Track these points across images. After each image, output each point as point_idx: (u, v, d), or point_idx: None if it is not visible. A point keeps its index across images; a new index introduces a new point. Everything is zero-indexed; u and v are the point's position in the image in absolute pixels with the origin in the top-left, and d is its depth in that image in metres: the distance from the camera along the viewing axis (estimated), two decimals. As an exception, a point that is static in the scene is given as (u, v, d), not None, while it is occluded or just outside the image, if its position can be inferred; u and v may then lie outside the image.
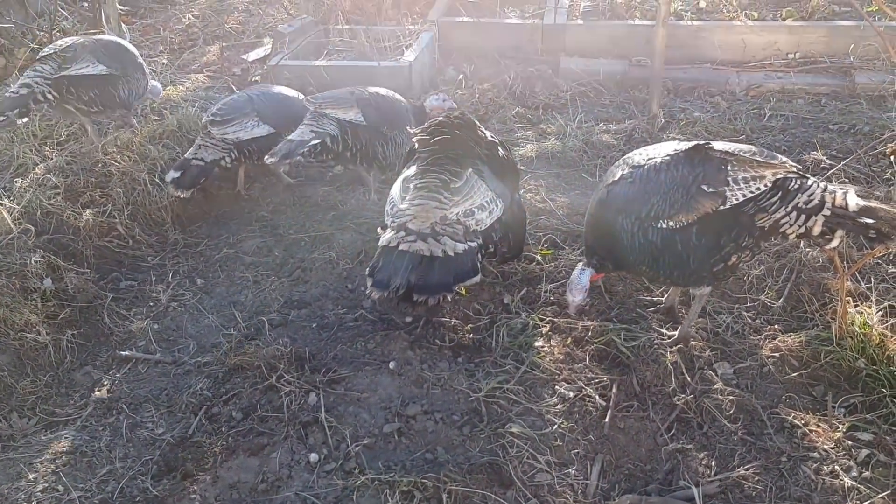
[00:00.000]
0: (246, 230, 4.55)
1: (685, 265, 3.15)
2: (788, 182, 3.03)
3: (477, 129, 3.69)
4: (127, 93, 4.83)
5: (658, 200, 3.07)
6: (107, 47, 4.79)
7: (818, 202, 3.02)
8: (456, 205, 3.41)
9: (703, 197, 3.02)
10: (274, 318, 3.78)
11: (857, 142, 5.19)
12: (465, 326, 3.68)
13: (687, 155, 3.10)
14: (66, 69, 4.53)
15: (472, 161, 3.58)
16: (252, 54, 6.27)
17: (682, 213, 3.05)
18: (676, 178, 3.06)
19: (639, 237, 3.14)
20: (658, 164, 3.12)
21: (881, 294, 3.71)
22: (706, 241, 3.08)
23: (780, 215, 3.04)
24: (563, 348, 3.52)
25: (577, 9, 6.90)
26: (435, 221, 3.34)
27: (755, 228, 3.08)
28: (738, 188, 3.01)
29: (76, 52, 4.63)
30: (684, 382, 3.31)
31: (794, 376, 3.35)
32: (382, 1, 7.04)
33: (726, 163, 3.05)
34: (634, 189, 3.14)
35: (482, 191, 3.52)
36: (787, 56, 6.31)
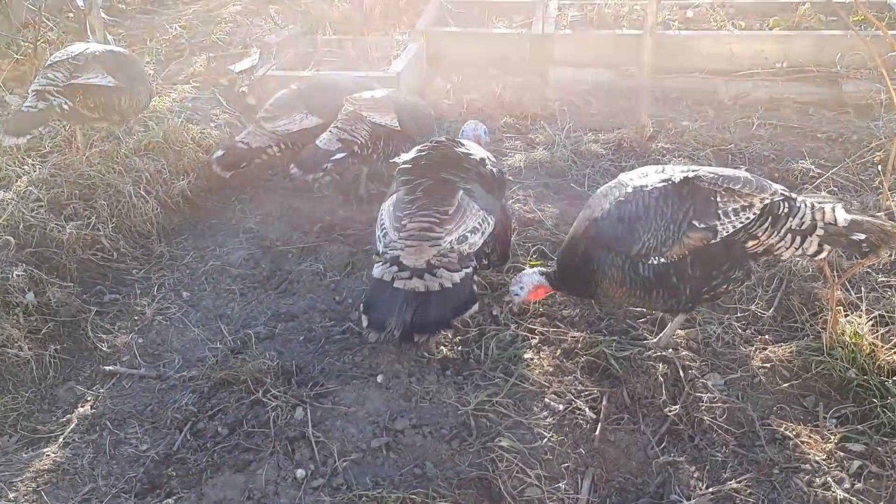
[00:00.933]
0: (233, 242, 4.50)
1: (679, 296, 3.15)
2: (777, 207, 3.05)
3: (460, 149, 3.68)
4: (127, 105, 4.80)
5: (649, 238, 3.05)
6: (116, 59, 4.79)
7: (810, 223, 3.05)
8: (449, 233, 3.35)
9: (695, 232, 3.03)
10: (261, 332, 3.74)
11: (845, 150, 5.19)
12: (453, 339, 3.65)
13: (675, 189, 3.07)
14: (77, 77, 4.50)
15: (461, 182, 3.54)
16: (239, 65, 6.23)
17: (674, 248, 3.04)
18: (667, 215, 3.04)
19: (629, 273, 3.12)
20: (647, 200, 3.08)
21: (871, 303, 3.69)
22: (700, 273, 3.09)
23: (774, 241, 3.06)
24: (552, 360, 3.49)
25: (564, 18, 6.89)
26: (429, 258, 3.28)
27: (747, 256, 3.10)
28: (729, 220, 3.02)
29: (87, 61, 4.61)
30: (675, 394, 3.29)
31: (785, 387, 3.33)
32: (370, 11, 7.02)
33: (715, 194, 3.04)
34: (624, 227, 3.09)
35: (474, 212, 3.46)
36: (774, 65, 6.30)
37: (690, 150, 5.24)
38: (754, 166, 5.06)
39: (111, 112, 4.66)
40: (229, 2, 7.80)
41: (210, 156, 4.90)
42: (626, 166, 5.02)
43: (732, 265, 3.10)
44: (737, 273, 3.12)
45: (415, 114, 4.70)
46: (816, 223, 3.06)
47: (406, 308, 3.18)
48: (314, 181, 4.59)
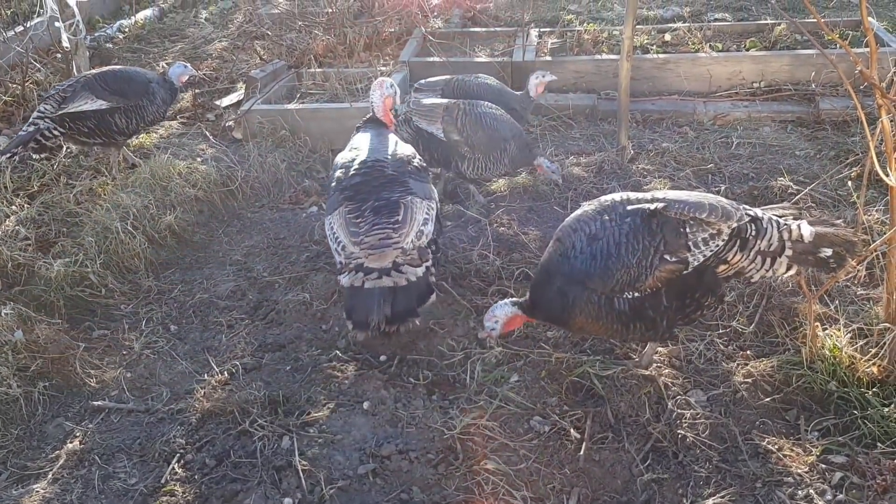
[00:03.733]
0: (220, 274, 4.54)
1: (657, 327, 3.19)
2: (744, 230, 3.09)
3: (389, 170, 3.89)
4: (125, 122, 4.97)
5: (622, 275, 3.08)
6: (106, 80, 4.95)
7: (778, 244, 3.10)
8: (406, 235, 3.59)
9: (667, 265, 3.06)
10: (248, 362, 3.77)
11: (822, 167, 5.28)
12: (439, 363, 3.68)
13: (645, 223, 3.09)
14: (65, 107, 4.72)
15: (399, 195, 3.74)
16: (225, 100, 6.31)
17: (647, 282, 3.08)
18: (638, 251, 3.06)
19: (605, 308, 3.15)
20: (618, 237, 3.09)
21: (850, 316, 3.74)
22: (675, 303, 3.13)
23: (745, 263, 3.11)
24: (537, 382, 3.52)
25: (544, 46, 7.01)
26: (394, 259, 3.51)
27: (718, 281, 3.14)
28: (699, 251, 3.06)
29: (75, 91, 4.80)
30: (658, 412, 3.32)
31: (767, 401, 3.37)
32: (355, 43, 7.13)
33: (684, 224, 3.07)
34: (597, 265, 3.11)
35: (419, 207, 3.72)
36: (752, 85, 6.43)
37: (671, 170, 5.32)
38: (734, 185, 5.13)
39: (110, 133, 4.77)
40: (215, 38, 7.91)
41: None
42: (607, 188, 5.09)
43: (705, 292, 3.14)
44: (709, 300, 3.18)
45: (468, 128, 4.78)
46: (785, 243, 3.11)
47: (383, 303, 3.43)
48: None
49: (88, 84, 4.98)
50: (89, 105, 4.90)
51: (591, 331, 3.33)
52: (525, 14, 8.36)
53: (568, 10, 8.50)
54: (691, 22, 7.59)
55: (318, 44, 7.03)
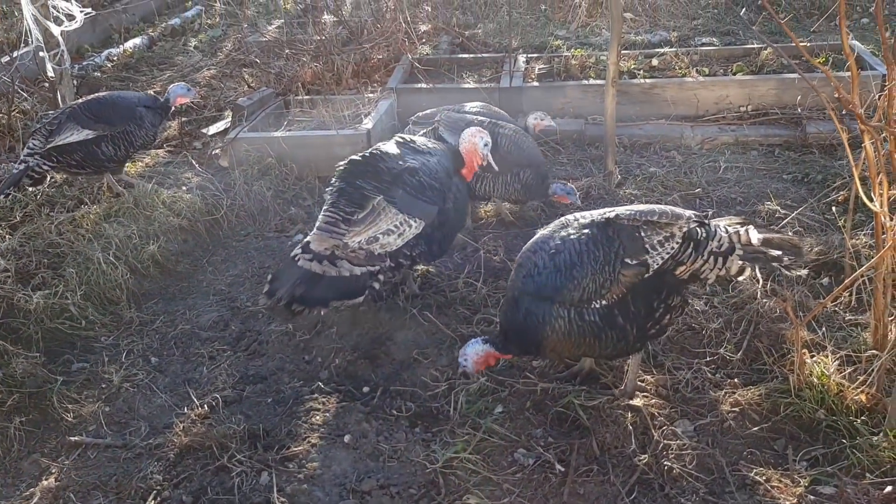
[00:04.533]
0: (203, 305, 4.49)
1: (627, 335, 3.20)
2: (695, 233, 3.22)
3: (382, 163, 3.93)
4: (113, 149, 4.96)
5: (588, 283, 3.13)
6: (91, 108, 4.95)
7: (728, 244, 3.23)
8: (357, 234, 3.72)
9: (629, 269, 3.14)
10: (229, 395, 3.71)
11: (810, 190, 5.26)
12: (423, 394, 3.63)
13: (601, 231, 3.19)
14: (52, 141, 4.77)
15: (376, 191, 3.82)
16: (212, 128, 6.29)
17: (612, 289, 3.14)
18: (600, 258, 3.15)
19: (576, 321, 3.17)
20: (578, 247, 3.18)
21: (838, 342, 3.70)
22: (642, 308, 3.19)
23: (699, 264, 3.22)
24: (522, 413, 3.47)
25: (532, 72, 7.01)
26: (335, 246, 3.70)
27: (679, 283, 3.24)
28: (657, 253, 3.15)
29: (60, 122, 4.83)
30: (645, 442, 3.27)
31: (755, 430, 3.32)
32: (343, 70, 7.13)
33: (639, 229, 3.17)
34: (562, 277, 3.16)
35: (390, 216, 3.78)
36: (739, 109, 6.42)
37: (658, 195, 5.29)
38: (721, 209, 5.11)
39: (97, 162, 4.82)
40: (204, 66, 7.90)
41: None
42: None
43: (669, 292, 3.23)
44: (675, 300, 3.26)
45: (501, 148, 4.72)
46: (734, 245, 3.24)
47: (298, 284, 3.63)
48: None
49: (73, 114, 4.96)
50: (75, 136, 4.88)
51: (565, 351, 3.31)
52: (513, 40, 8.40)
53: (556, 35, 8.51)
54: (678, 47, 7.61)
55: (306, 71, 7.03)
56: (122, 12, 9.39)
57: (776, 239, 3.29)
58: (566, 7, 9.32)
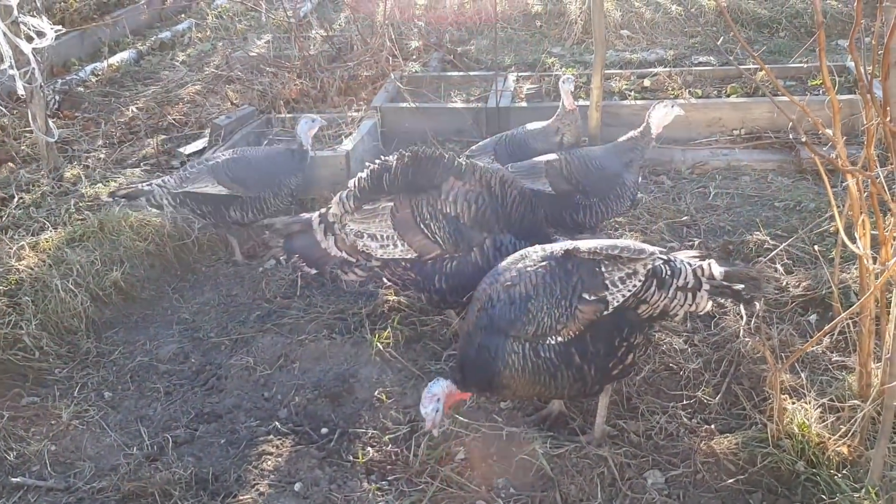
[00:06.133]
0: (165, 335, 4.33)
1: (585, 376, 3.05)
2: (660, 271, 3.08)
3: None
4: (241, 213, 4.78)
5: (543, 317, 2.99)
6: (232, 168, 4.76)
7: (694, 280, 3.12)
8: (354, 221, 3.80)
9: (586, 305, 2.99)
10: (180, 435, 3.54)
11: (802, 219, 5.05)
12: (383, 437, 3.45)
13: (559, 264, 3.06)
14: (185, 187, 4.71)
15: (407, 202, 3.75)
16: (190, 147, 6.14)
17: (569, 325, 2.99)
18: (556, 292, 3.01)
19: (530, 357, 3.02)
20: (534, 280, 3.05)
21: (822, 387, 3.52)
22: (602, 348, 3.04)
23: (666, 302, 3.08)
24: (485, 460, 3.28)
25: (521, 91, 6.86)
26: (339, 217, 3.86)
27: (643, 321, 3.09)
28: (618, 289, 3.01)
29: (200, 173, 4.74)
30: (612, 495, 3.08)
31: (730, 482, 3.13)
32: (328, 88, 6.99)
33: (599, 264, 3.04)
34: (516, 309, 3.03)
35: (383, 225, 3.74)
36: (732, 132, 6.25)
37: (644, 223, 5.12)
38: (709, 238, 4.93)
39: (223, 221, 4.87)
40: (188, 82, 7.77)
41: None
42: (578, 239, 4.87)
43: (631, 331, 3.08)
44: (638, 338, 3.11)
45: (578, 174, 4.54)
46: (700, 280, 3.12)
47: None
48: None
49: (214, 168, 4.77)
50: (209, 189, 4.72)
51: (520, 389, 3.13)
52: (506, 57, 8.25)
53: (550, 52, 8.36)
54: (674, 66, 7.45)
55: (290, 88, 6.88)
56: (113, 25, 9.27)
57: (736, 272, 3.18)
58: (562, 24, 9.18)
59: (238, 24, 9.39)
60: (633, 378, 3.67)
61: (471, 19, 9.39)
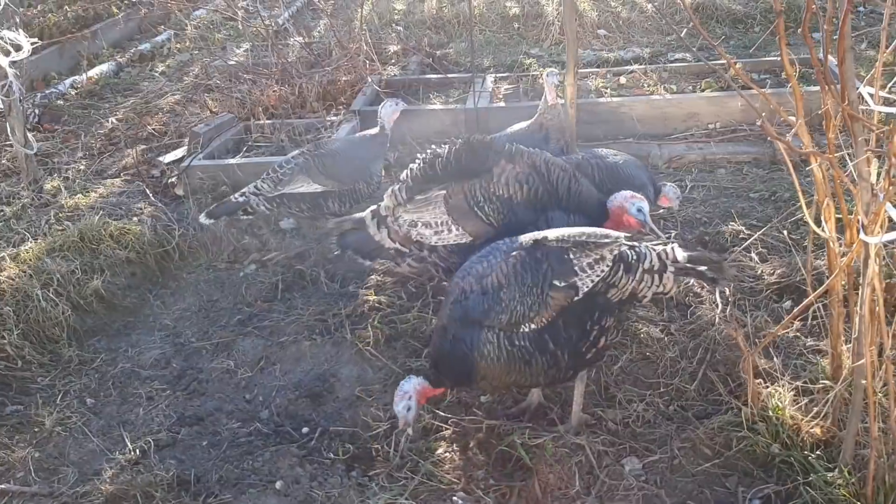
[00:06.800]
0: (147, 341, 4.34)
1: (559, 361, 3.09)
2: (626, 256, 3.16)
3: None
4: (338, 205, 4.90)
5: (516, 305, 3.04)
6: (325, 164, 4.83)
7: (659, 263, 3.21)
8: (408, 212, 3.83)
9: (557, 292, 3.05)
10: (162, 438, 3.56)
11: (777, 209, 5.11)
12: (364, 434, 3.48)
13: (529, 253, 3.11)
14: (281, 189, 4.80)
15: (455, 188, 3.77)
16: (169, 156, 6.16)
17: (542, 312, 3.04)
18: (527, 280, 3.06)
19: (505, 346, 3.06)
20: (505, 269, 3.10)
21: (796, 370, 3.57)
22: (574, 333, 3.09)
23: (634, 285, 3.16)
24: (464, 453, 3.32)
25: (499, 92, 6.91)
26: (392, 209, 3.90)
27: (613, 305, 3.16)
28: (587, 275, 3.07)
29: (293, 173, 4.81)
30: (589, 483, 3.12)
31: (707, 467, 3.17)
32: (307, 94, 7.01)
33: (567, 251, 3.10)
34: (489, 299, 3.07)
35: (437, 212, 3.75)
36: (707, 126, 6.31)
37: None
38: (686, 230, 4.98)
39: (320, 213, 4.92)
40: (167, 92, 7.79)
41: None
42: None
43: (602, 314, 3.13)
44: (609, 321, 3.16)
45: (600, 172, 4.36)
46: (665, 262, 3.22)
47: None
48: None
49: (306, 166, 4.85)
50: (305, 188, 4.81)
51: (496, 378, 3.17)
52: (484, 59, 8.30)
53: (528, 53, 8.42)
54: (650, 63, 7.51)
55: (269, 95, 6.91)
56: (92, 38, 9.28)
57: (698, 255, 3.30)
58: (539, 25, 9.23)
59: (217, 34, 9.40)
60: (611, 367, 3.72)
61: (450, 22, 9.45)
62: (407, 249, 3.91)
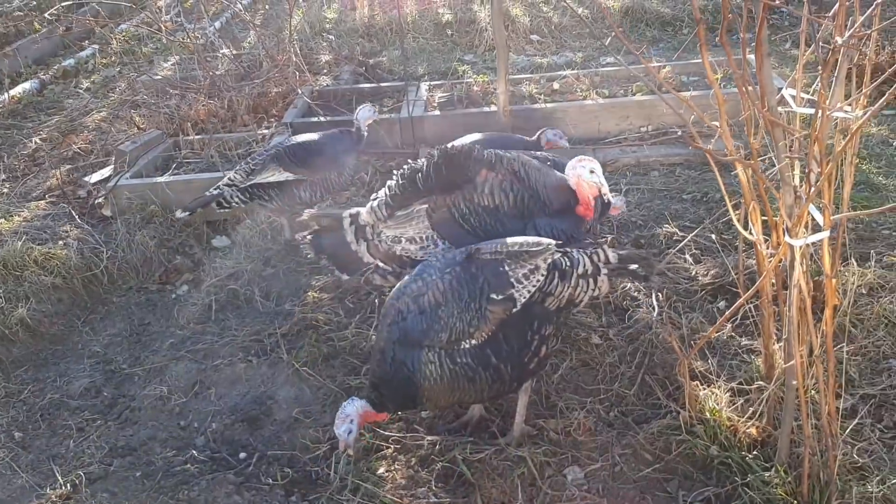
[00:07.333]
0: (75, 369, 4.19)
1: (503, 375, 3.07)
2: (560, 263, 3.17)
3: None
4: (310, 194, 4.96)
5: (455, 322, 3.00)
6: (295, 153, 4.94)
7: (593, 266, 3.23)
8: (389, 228, 3.75)
9: (496, 305, 3.03)
10: (94, 471, 3.44)
11: (709, 210, 5.19)
12: (303, 457, 3.41)
13: (464, 268, 3.09)
14: (253, 179, 4.87)
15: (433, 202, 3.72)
16: (95, 175, 5.98)
17: (481, 326, 3.01)
18: (464, 295, 3.03)
19: (447, 364, 3.03)
20: (441, 287, 3.06)
21: (732, 371, 3.61)
22: (516, 344, 3.07)
23: (570, 291, 3.17)
24: (406, 471, 3.27)
25: (433, 100, 6.89)
26: (372, 225, 3.80)
27: (551, 313, 3.15)
28: (523, 286, 3.06)
29: (264, 163, 4.90)
30: (532, 495, 3.10)
31: (648, 472, 3.18)
32: (237, 107, 6.89)
33: (502, 263, 3.08)
34: (427, 319, 3.03)
35: (421, 226, 3.69)
36: (640, 130, 6.39)
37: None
38: (621, 234, 5.02)
39: (292, 202, 4.98)
40: (93, 109, 7.57)
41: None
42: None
43: (541, 324, 3.12)
44: (548, 329, 3.16)
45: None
46: (598, 265, 3.25)
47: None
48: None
49: (277, 156, 4.94)
50: (276, 177, 4.88)
51: (441, 399, 3.13)
52: (419, 67, 8.28)
53: (462, 60, 8.43)
54: (582, 68, 7.57)
55: (198, 109, 6.76)
56: (14, 56, 8.99)
57: (629, 255, 3.35)
58: (473, 31, 9.26)
59: (144, 48, 9.18)
60: (551, 376, 3.71)
61: (382, 30, 9.41)
62: (389, 267, 3.81)
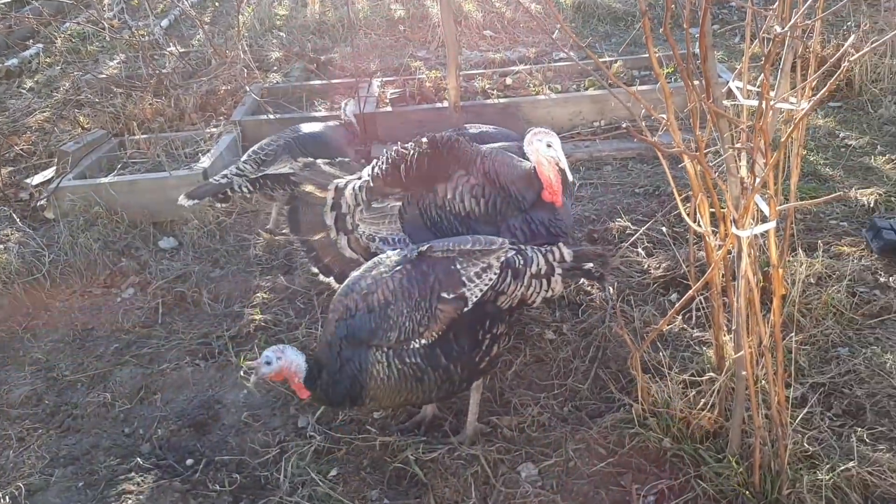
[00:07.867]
0: (16, 377, 4.04)
1: (452, 375, 3.03)
2: (513, 261, 3.13)
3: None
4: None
5: (404, 321, 2.95)
6: (306, 145, 4.95)
7: (546, 265, 3.19)
8: (364, 223, 3.74)
9: (446, 304, 2.98)
10: (34, 482, 3.32)
11: (661, 203, 5.21)
12: (251, 462, 3.32)
13: (415, 266, 3.04)
14: (265, 170, 4.82)
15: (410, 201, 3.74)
16: (37, 177, 5.80)
17: (431, 326, 2.97)
18: (415, 294, 2.98)
19: (395, 364, 2.98)
20: (391, 285, 3.01)
21: (684, 362, 3.61)
22: (466, 344, 3.02)
23: (523, 290, 3.13)
24: (358, 473, 3.21)
25: (385, 96, 6.82)
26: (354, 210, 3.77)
27: (503, 312, 3.11)
28: (475, 284, 3.02)
29: (276, 154, 4.88)
30: (486, 493, 3.06)
31: (601, 466, 3.16)
32: (185, 105, 6.75)
33: (454, 261, 3.04)
34: (376, 318, 2.97)
35: (394, 227, 3.69)
36: (592, 124, 6.39)
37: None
38: (575, 228, 5.00)
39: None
40: (36, 109, 7.36)
41: None
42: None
43: (493, 323, 3.08)
44: (500, 328, 3.12)
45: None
46: (553, 264, 3.21)
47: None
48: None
49: (288, 146, 4.94)
50: (288, 167, 4.75)
51: (386, 399, 3.08)
52: (371, 63, 8.20)
53: (414, 56, 8.36)
54: (535, 63, 7.56)
55: (144, 108, 6.61)
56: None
57: (584, 252, 3.31)
58: (425, 27, 9.20)
59: (89, 47, 8.96)
60: (505, 373, 3.68)
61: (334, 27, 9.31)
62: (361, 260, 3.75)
